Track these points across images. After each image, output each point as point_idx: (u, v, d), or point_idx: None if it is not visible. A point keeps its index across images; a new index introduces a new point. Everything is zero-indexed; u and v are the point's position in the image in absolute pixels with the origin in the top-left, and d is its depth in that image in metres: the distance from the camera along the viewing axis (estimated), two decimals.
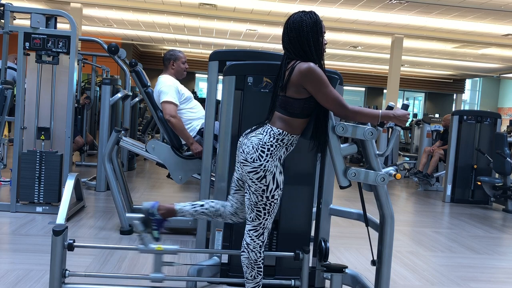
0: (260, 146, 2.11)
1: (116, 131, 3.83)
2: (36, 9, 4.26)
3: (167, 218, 2.35)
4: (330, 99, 2.10)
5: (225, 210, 2.38)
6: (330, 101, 2.11)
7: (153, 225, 2.32)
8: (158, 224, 2.33)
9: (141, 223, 2.32)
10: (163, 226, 2.35)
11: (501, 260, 3.87)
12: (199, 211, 2.37)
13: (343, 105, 2.11)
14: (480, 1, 9.69)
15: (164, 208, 2.34)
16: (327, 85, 2.10)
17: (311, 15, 2.16)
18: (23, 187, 4.17)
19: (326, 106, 2.14)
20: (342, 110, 2.13)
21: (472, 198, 6.62)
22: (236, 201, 2.37)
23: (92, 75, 8.11)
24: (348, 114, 2.14)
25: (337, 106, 2.12)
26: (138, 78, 4.10)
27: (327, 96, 2.10)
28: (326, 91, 2.09)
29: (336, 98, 2.11)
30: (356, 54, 17.42)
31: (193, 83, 21.55)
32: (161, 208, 2.33)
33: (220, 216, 2.39)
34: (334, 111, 2.15)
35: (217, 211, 2.38)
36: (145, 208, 2.34)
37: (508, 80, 22.01)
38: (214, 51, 3.17)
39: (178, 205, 2.36)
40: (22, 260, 3.01)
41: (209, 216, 2.38)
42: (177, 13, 12.48)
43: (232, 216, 2.39)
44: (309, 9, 2.23)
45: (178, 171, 3.78)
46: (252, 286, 2.26)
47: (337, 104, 2.11)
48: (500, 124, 6.75)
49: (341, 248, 3.82)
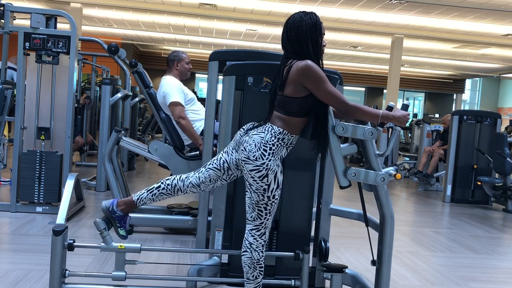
0: (262, 145, 2.12)
1: (116, 131, 3.83)
2: (36, 9, 4.26)
3: (128, 213, 2.34)
4: (330, 95, 2.11)
5: (185, 183, 2.31)
6: (330, 96, 2.11)
7: (116, 222, 2.32)
8: (120, 221, 2.32)
9: (103, 221, 2.30)
10: (126, 222, 2.34)
11: (501, 260, 3.87)
12: (156, 193, 2.32)
13: (343, 101, 2.12)
14: (480, 1, 9.69)
15: (123, 203, 2.33)
16: (325, 81, 2.10)
17: (311, 15, 2.17)
18: (23, 187, 4.17)
19: (326, 102, 2.14)
20: (342, 106, 2.13)
21: (472, 198, 6.62)
22: (207, 175, 2.30)
23: (92, 75, 8.11)
24: (348, 109, 2.14)
25: (338, 102, 2.12)
26: (140, 78, 4.10)
27: (327, 92, 2.10)
28: (325, 87, 2.10)
29: (336, 93, 2.12)
30: (356, 54, 17.42)
31: (193, 83, 21.55)
32: (120, 204, 2.33)
33: (179, 191, 2.32)
34: (335, 106, 2.15)
35: (174, 186, 2.31)
36: (105, 206, 2.33)
37: (508, 80, 22.01)
38: (214, 51, 3.17)
39: (135, 195, 2.34)
40: (22, 260, 3.01)
41: (168, 194, 2.33)
42: (177, 13, 12.48)
43: (193, 188, 2.32)
44: (309, 9, 2.24)
45: (180, 172, 3.76)
46: (252, 286, 2.26)
47: (337, 99, 2.12)
48: (500, 124, 6.75)
49: (341, 248, 3.82)
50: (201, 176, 2.32)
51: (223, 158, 2.30)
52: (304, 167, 2.72)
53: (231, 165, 2.28)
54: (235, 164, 2.28)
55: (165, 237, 3.81)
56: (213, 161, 2.33)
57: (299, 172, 2.70)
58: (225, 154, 2.31)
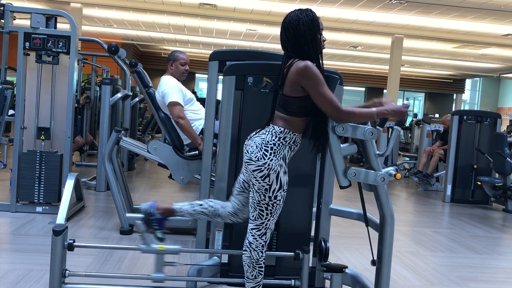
0: (263, 145, 2.12)
1: (116, 131, 3.83)
2: (36, 9, 4.26)
3: (167, 217, 2.35)
4: (325, 98, 2.09)
5: (224, 211, 2.38)
6: (324, 100, 2.09)
7: (154, 224, 2.33)
8: (159, 223, 2.34)
9: (143, 223, 2.32)
10: (164, 225, 2.36)
11: (501, 260, 3.87)
12: (197, 210, 2.37)
13: (337, 107, 2.10)
14: (480, 1, 9.69)
15: (162, 208, 2.35)
16: (322, 84, 2.09)
17: (308, 12, 2.15)
18: (23, 187, 4.17)
19: (320, 106, 2.12)
20: (335, 112, 2.11)
21: (472, 198, 6.62)
22: (238, 202, 2.37)
23: (92, 75, 8.10)
24: (341, 116, 2.13)
25: (331, 107, 2.10)
26: (139, 78, 4.10)
27: (322, 95, 2.09)
28: (321, 90, 2.08)
29: (330, 98, 2.09)
30: (356, 54, 17.42)
31: (193, 83, 21.55)
32: (159, 207, 2.34)
33: (219, 216, 2.39)
34: (328, 111, 2.13)
35: (215, 211, 2.37)
36: (144, 208, 2.35)
37: (508, 80, 22.01)
38: (214, 51, 3.17)
39: (176, 205, 2.37)
40: (22, 260, 3.01)
41: (207, 216, 2.38)
42: (177, 13, 12.48)
43: (231, 216, 2.39)
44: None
45: (180, 172, 3.78)
46: (252, 286, 2.26)
47: (331, 104, 2.09)
48: (500, 124, 6.75)
49: (341, 248, 3.82)
50: (234, 205, 2.38)
51: (241, 179, 2.35)
52: (304, 167, 2.72)
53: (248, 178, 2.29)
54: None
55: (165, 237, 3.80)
56: (235, 185, 2.38)
57: (299, 172, 2.70)
58: (242, 174, 2.35)
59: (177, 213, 2.36)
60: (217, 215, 2.38)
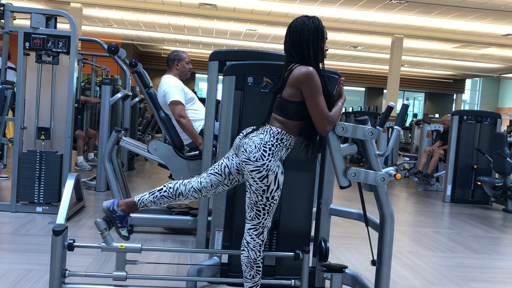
0: (262, 146, 2.13)
1: (116, 131, 3.83)
2: (36, 9, 4.26)
3: (129, 214, 2.33)
4: (317, 108, 2.13)
5: (187, 187, 2.31)
6: (317, 110, 2.13)
7: (117, 222, 2.31)
8: (121, 221, 2.32)
9: (104, 221, 2.30)
10: (127, 222, 2.33)
11: (501, 260, 3.87)
12: (158, 196, 2.31)
13: (328, 119, 2.14)
14: (480, 1, 9.70)
15: (124, 204, 2.33)
16: (320, 94, 2.13)
17: (314, 20, 2.20)
18: (23, 187, 4.17)
19: (311, 113, 2.15)
20: (324, 124, 2.15)
21: (472, 198, 6.62)
22: (208, 180, 2.31)
23: (92, 75, 8.10)
24: (327, 128, 2.16)
25: (321, 118, 2.14)
26: (140, 78, 4.10)
27: (316, 104, 2.12)
28: (317, 100, 2.12)
29: (324, 109, 2.14)
30: (356, 54, 17.43)
31: (193, 83, 21.56)
32: (120, 204, 2.33)
33: (181, 195, 2.32)
34: (318, 120, 2.15)
35: (176, 190, 2.31)
36: (105, 206, 2.33)
37: (508, 80, 22.01)
38: (214, 51, 3.17)
39: (137, 197, 2.34)
40: (22, 260, 3.01)
41: (170, 198, 2.32)
42: (177, 13, 12.48)
43: (194, 193, 2.32)
44: (309, 9, 2.25)
45: (180, 172, 3.77)
46: (250, 285, 2.27)
47: (323, 116, 2.14)
48: (500, 124, 6.75)
49: (341, 248, 3.82)
50: (202, 181, 2.32)
51: (224, 163, 2.32)
52: (304, 167, 2.72)
53: (232, 170, 2.29)
54: (236, 169, 2.29)
55: (165, 237, 3.81)
56: (215, 166, 2.34)
57: (299, 172, 2.70)
58: (226, 159, 2.32)
59: (139, 205, 2.32)
60: (179, 194, 2.31)
